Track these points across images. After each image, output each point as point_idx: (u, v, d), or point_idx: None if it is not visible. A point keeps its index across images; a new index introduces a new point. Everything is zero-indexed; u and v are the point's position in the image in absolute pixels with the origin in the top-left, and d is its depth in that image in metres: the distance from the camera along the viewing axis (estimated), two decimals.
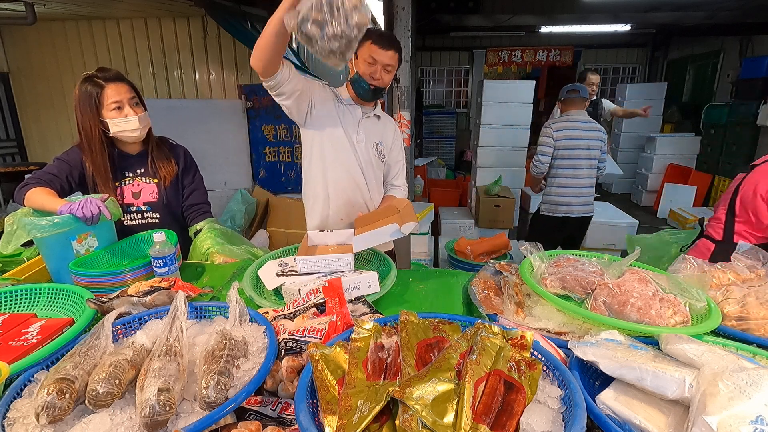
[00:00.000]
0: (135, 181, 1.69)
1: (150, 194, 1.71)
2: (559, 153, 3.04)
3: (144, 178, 1.70)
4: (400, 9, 2.95)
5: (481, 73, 9.08)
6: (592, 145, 2.99)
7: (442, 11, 6.81)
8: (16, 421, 0.72)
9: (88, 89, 1.53)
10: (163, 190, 1.72)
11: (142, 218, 1.71)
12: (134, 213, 1.70)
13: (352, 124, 1.76)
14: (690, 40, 7.70)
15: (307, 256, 1.32)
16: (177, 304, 0.92)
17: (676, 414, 0.70)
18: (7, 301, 1.20)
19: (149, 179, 1.71)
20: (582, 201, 3.06)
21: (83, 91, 1.53)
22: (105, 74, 1.56)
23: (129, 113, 1.57)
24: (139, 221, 1.71)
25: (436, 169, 7.62)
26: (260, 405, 0.79)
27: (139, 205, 1.70)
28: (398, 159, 1.94)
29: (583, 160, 3.00)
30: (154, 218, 1.72)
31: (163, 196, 1.72)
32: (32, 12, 3.65)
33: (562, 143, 3.02)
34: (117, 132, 1.58)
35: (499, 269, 1.35)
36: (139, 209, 1.70)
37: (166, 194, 1.72)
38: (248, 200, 4.70)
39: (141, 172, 1.70)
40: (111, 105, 1.54)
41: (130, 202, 1.69)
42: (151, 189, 1.71)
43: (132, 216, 1.70)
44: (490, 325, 0.83)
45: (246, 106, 4.89)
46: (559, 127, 3.03)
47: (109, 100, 1.54)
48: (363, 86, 1.69)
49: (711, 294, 1.14)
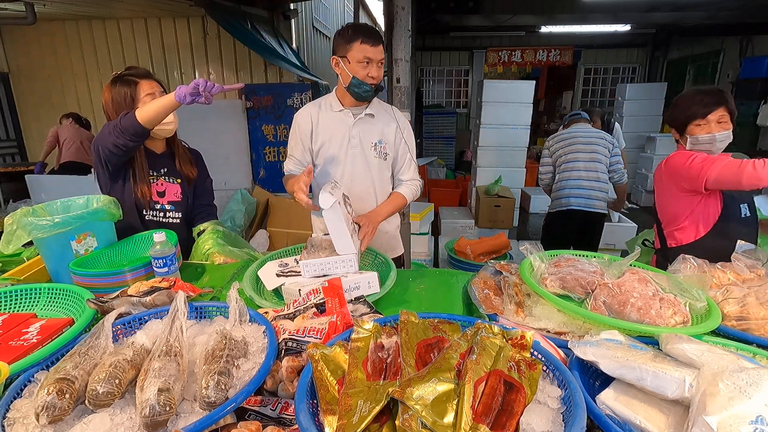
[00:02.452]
0: (159, 180, 1.70)
1: (175, 194, 1.73)
2: (559, 159, 3.15)
3: (168, 177, 1.72)
4: (400, 9, 2.95)
5: (481, 73, 9.09)
6: (592, 142, 3.03)
7: (442, 11, 6.82)
8: (16, 421, 0.72)
9: (121, 88, 1.55)
10: (187, 190, 1.75)
11: (164, 216, 1.72)
12: (157, 210, 1.71)
13: (345, 132, 1.74)
14: (690, 40, 7.70)
15: (310, 260, 1.31)
16: (177, 304, 0.92)
17: (676, 414, 0.70)
18: (7, 301, 1.20)
19: (173, 179, 1.73)
20: (581, 194, 3.07)
21: (116, 91, 1.55)
22: (135, 71, 1.58)
23: None
24: (160, 219, 1.71)
25: (436, 169, 7.62)
26: (260, 405, 0.79)
27: (163, 203, 1.71)
28: (405, 151, 1.84)
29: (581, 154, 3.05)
30: (176, 218, 1.74)
31: (187, 196, 1.75)
32: (32, 12, 3.65)
33: (559, 149, 3.14)
34: None
35: (499, 269, 1.35)
36: (162, 207, 1.71)
37: (188, 195, 1.75)
38: (248, 200, 4.70)
39: (165, 171, 1.72)
40: (146, 99, 1.56)
41: (156, 200, 1.70)
42: (175, 189, 1.73)
43: (155, 213, 1.70)
44: (490, 325, 0.83)
45: (246, 106, 4.89)
46: (556, 139, 3.19)
47: (144, 94, 1.56)
48: (365, 89, 1.64)
49: (711, 294, 1.14)
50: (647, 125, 7.08)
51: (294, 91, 4.86)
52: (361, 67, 1.60)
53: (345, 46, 1.60)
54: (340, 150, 1.75)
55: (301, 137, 1.77)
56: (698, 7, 6.14)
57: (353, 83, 1.63)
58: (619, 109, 7.39)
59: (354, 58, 1.59)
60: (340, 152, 1.75)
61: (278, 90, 4.89)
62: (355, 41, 1.57)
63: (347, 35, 1.59)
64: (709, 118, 1.72)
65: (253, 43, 4.21)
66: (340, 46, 1.62)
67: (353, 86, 1.64)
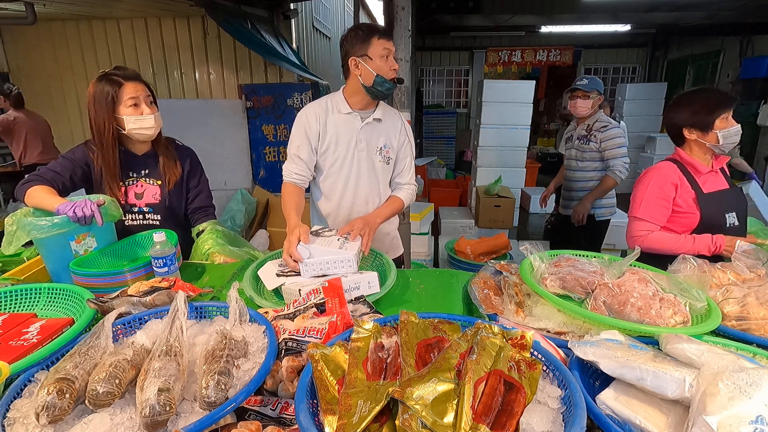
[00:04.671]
0: (139, 182, 1.69)
1: (153, 196, 1.70)
2: None
3: (148, 179, 1.70)
4: (400, 9, 2.95)
5: (481, 73, 9.09)
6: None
7: (442, 11, 6.83)
8: (16, 421, 0.72)
9: (104, 87, 1.54)
10: (166, 192, 1.71)
11: (144, 219, 1.71)
12: (136, 213, 1.70)
13: (352, 136, 1.72)
14: (690, 40, 7.70)
15: (310, 260, 1.31)
16: (177, 304, 0.92)
17: (676, 414, 0.70)
18: (7, 301, 1.20)
19: (153, 180, 1.71)
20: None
21: (99, 89, 1.54)
22: (123, 72, 1.57)
23: (145, 111, 1.58)
24: (140, 222, 1.71)
25: (436, 169, 7.62)
26: (260, 405, 0.79)
27: (141, 206, 1.69)
28: (404, 156, 1.83)
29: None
30: (155, 220, 1.72)
31: (166, 198, 1.71)
32: (32, 12, 3.65)
33: None
34: (132, 129, 1.58)
35: (499, 269, 1.35)
36: (140, 210, 1.70)
37: (169, 196, 1.72)
38: (248, 200, 4.70)
39: (146, 173, 1.70)
40: (128, 102, 1.55)
41: (133, 203, 1.68)
42: (154, 190, 1.71)
43: (134, 216, 1.70)
44: (490, 325, 0.83)
45: (246, 105, 4.89)
46: None
47: (127, 96, 1.55)
48: (387, 85, 1.63)
49: (711, 294, 1.14)
50: (647, 125, 7.08)
51: (294, 91, 4.86)
52: (383, 61, 1.61)
53: (363, 45, 1.59)
54: (347, 153, 1.73)
55: (308, 136, 1.71)
56: (698, 7, 6.15)
57: (377, 81, 1.62)
58: (619, 109, 7.39)
59: (376, 53, 1.59)
60: (347, 156, 1.74)
61: (278, 90, 4.89)
62: (373, 37, 1.58)
63: (362, 35, 1.59)
64: None
65: (253, 43, 4.21)
66: (356, 46, 1.60)
67: (377, 85, 1.62)
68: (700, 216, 1.67)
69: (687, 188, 1.68)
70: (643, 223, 1.71)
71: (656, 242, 1.67)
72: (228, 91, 5.13)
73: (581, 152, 2.97)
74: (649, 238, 1.69)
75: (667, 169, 1.73)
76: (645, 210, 1.71)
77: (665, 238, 1.68)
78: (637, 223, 1.73)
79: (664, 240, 1.67)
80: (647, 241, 1.68)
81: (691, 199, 1.68)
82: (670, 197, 1.69)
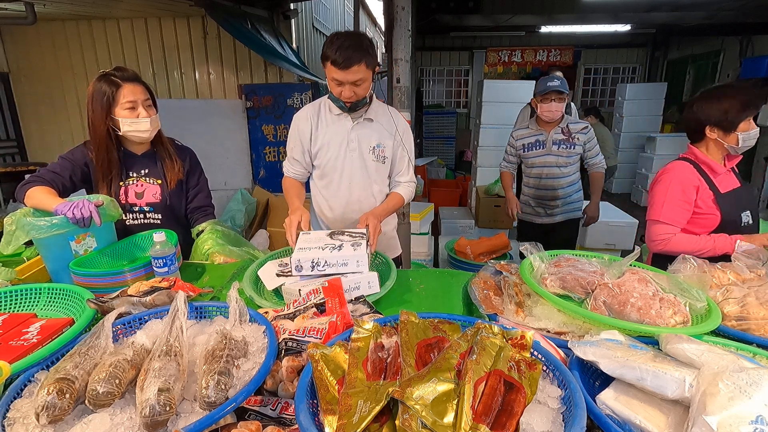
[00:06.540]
0: (139, 182, 1.69)
1: (153, 195, 1.71)
2: None
3: (148, 178, 1.71)
4: (400, 9, 2.95)
5: (481, 73, 9.09)
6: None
7: (442, 11, 6.83)
8: (16, 421, 0.72)
9: (103, 87, 1.54)
10: (166, 191, 1.72)
11: (144, 218, 1.71)
12: (137, 213, 1.70)
13: (344, 136, 1.73)
14: (690, 40, 7.70)
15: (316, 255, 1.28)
16: (177, 304, 0.92)
17: (676, 414, 0.70)
18: (7, 301, 1.20)
19: (153, 180, 1.71)
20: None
21: (98, 88, 1.54)
22: (122, 74, 1.57)
23: (142, 114, 1.58)
24: (141, 221, 1.71)
25: (436, 169, 7.62)
26: (260, 405, 0.79)
27: (141, 205, 1.70)
28: (403, 155, 1.83)
29: None
30: (156, 219, 1.72)
31: (167, 197, 1.72)
32: (32, 12, 3.65)
33: None
34: (127, 131, 1.58)
35: (499, 269, 1.35)
36: (141, 209, 1.70)
37: (170, 196, 1.72)
38: (248, 200, 4.70)
39: (145, 173, 1.70)
40: (125, 104, 1.55)
41: (133, 202, 1.69)
42: (154, 190, 1.71)
43: (134, 216, 1.70)
44: (490, 325, 0.83)
45: (246, 105, 4.89)
46: None
47: (124, 99, 1.55)
48: (340, 105, 1.65)
49: (711, 294, 1.14)
50: (647, 125, 7.08)
51: (294, 91, 4.86)
52: (333, 86, 1.60)
53: (323, 60, 1.58)
54: (338, 153, 1.75)
55: (300, 139, 1.77)
56: (698, 7, 6.15)
57: (330, 97, 1.67)
58: (619, 109, 7.40)
59: (327, 76, 1.60)
60: (339, 155, 1.75)
61: (278, 90, 4.89)
62: (326, 61, 1.55)
63: (323, 51, 1.56)
64: None
65: (253, 43, 4.21)
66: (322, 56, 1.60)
67: (330, 98, 1.68)
68: (721, 216, 1.64)
69: (706, 189, 1.66)
70: (665, 226, 1.67)
71: (679, 245, 1.64)
72: (228, 91, 5.13)
73: (565, 157, 2.78)
74: (672, 242, 1.66)
75: (686, 171, 1.68)
76: (666, 213, 1.67)
77: (687, 240, 1.65)
78: (658, 226, 1.69)
79: (687, 242, 1.64)
80: (670, 245, 1.66)
81: (710, 200, 1.65)
82: (692, 199, 1.66)
